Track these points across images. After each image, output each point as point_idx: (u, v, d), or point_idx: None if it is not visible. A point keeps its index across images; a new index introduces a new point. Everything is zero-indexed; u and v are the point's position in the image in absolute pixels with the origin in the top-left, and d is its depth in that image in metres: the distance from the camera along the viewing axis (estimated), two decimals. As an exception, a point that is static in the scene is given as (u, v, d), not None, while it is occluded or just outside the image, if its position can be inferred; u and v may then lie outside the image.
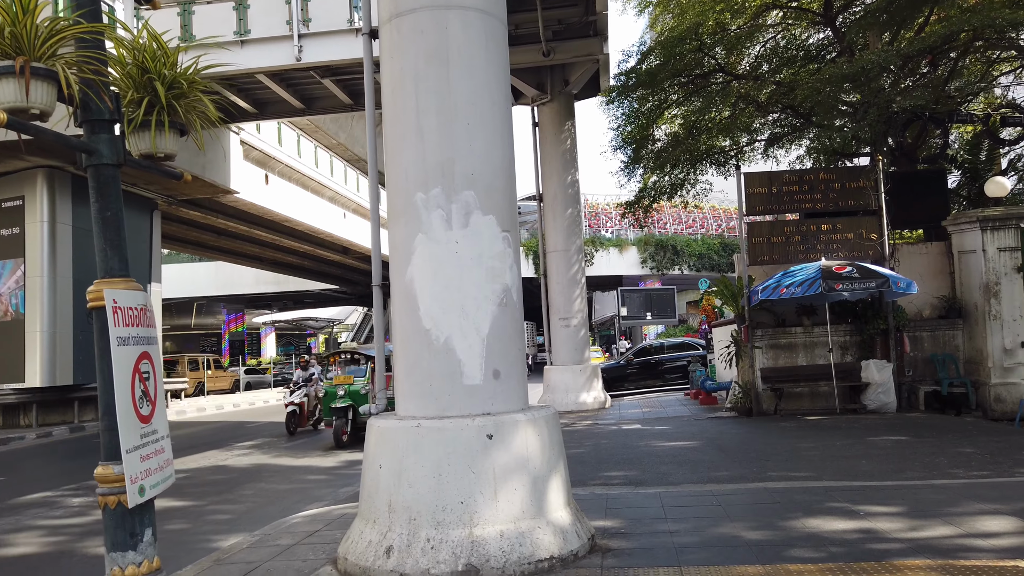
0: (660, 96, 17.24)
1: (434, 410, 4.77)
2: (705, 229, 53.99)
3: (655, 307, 39.63)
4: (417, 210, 4.87)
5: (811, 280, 12.21)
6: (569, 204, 17.40)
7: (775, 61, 17.42)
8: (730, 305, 14.22)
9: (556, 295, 17.40)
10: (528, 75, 17.28)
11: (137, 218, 21.07)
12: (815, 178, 13.84)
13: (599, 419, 14.67)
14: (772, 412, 13.51)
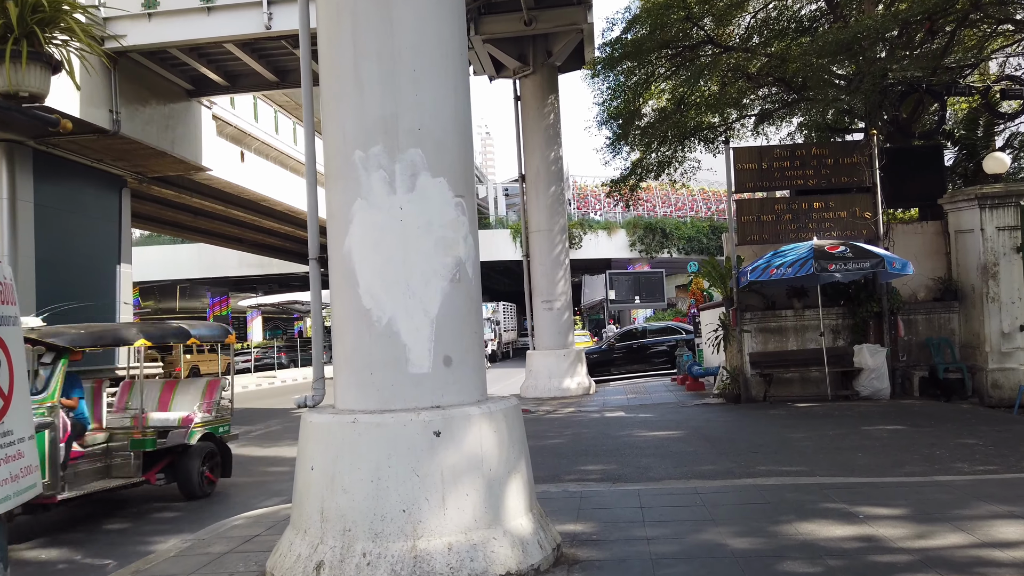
0: (647, 69, 16.54)
1: (375, 403, 4.12)
2: (694, 212, 53.39)
3: (644, 291, 39.02)
4: (356, 171, 4.21)
5: (803, 260, 11.63)
6: (552, 181, 16.72)
7: (766, 33, 16.72)
8: (718, 287, 13.63)
9: (539, 277, 16.76)
10: (509, 45, 16.53)
11: (104, 196, 20.20)
12: (807, 153, 13.20)
13: (582, 406, 14.09)
14: (761, 399, 12.96)
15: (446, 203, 4.24)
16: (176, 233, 35.27)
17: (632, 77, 16.75)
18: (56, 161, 18.33)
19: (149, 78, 18.46)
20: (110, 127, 16.90)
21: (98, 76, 16.55)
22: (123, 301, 20.71)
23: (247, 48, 18.13)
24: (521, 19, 15.63)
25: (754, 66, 14.83)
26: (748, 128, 18.70)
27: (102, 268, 20.06)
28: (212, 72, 19.29)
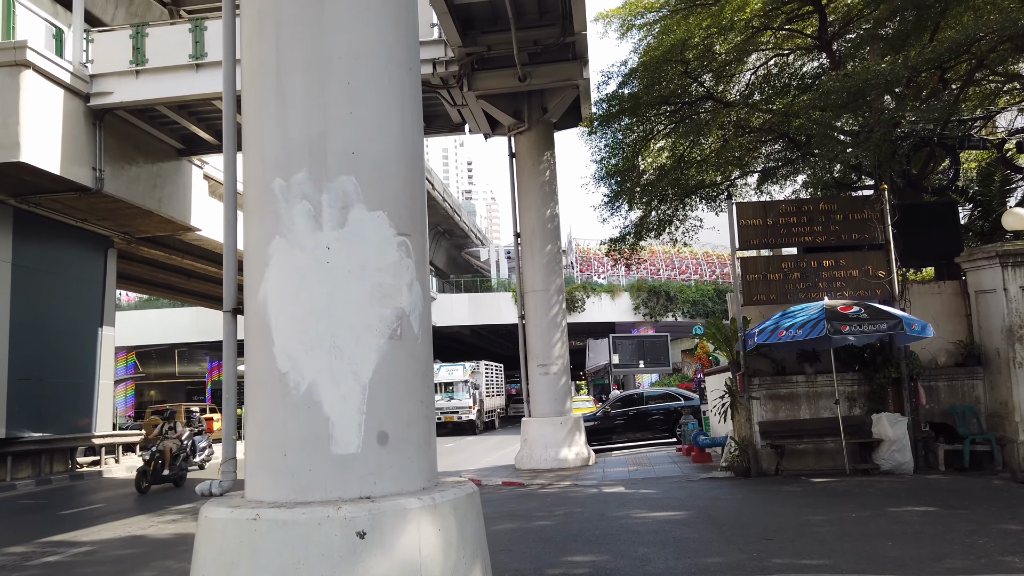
0: (646, 126, 16.08)
1: (288, 492, 3.26)
2: (699, 275, 52.85)
3: (648, 355, 37.98)
4: (275, 203, 3.45)
5: (814, 321, 10.78)
6: (549, 240, 16.05)
7: (767, 90, 16.30)
8: (724, 350, 12.75)
9: (534, 339, 15.91)
10: (504, 102, 16.12)
11: (88, 257, 19.64)
12: (815, 209, 12.52)
13: (579, 479, 13.05)
14: (773, 472, 11.92)
15: (385, 242, 3.47)
16: (170, 296, 34.71)
17: (630, 134, 16.29)
18: (38, 220, 17.82)
19: (137, 136, 18.11)
20: (92, 185, 16.42)
21: (81, 133, 16.16)
22: (102, 379, 19.85)
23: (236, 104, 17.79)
24: (515, 75, 15.25)
25: (757, 120, 14.29)
26: (751, 187, 18.15)
27: (83, 332, 19.32)
28: (203, 131, 18.97)
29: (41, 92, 15.14)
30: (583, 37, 14.67)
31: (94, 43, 16.47)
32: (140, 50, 16.14)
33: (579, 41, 14.89)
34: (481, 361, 38.02)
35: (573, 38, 14.70)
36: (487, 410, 37.01)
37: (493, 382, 40.59)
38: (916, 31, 12.08)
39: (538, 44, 14.86)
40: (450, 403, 32.56)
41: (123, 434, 21.37)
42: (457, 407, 32.68)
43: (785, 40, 16.14)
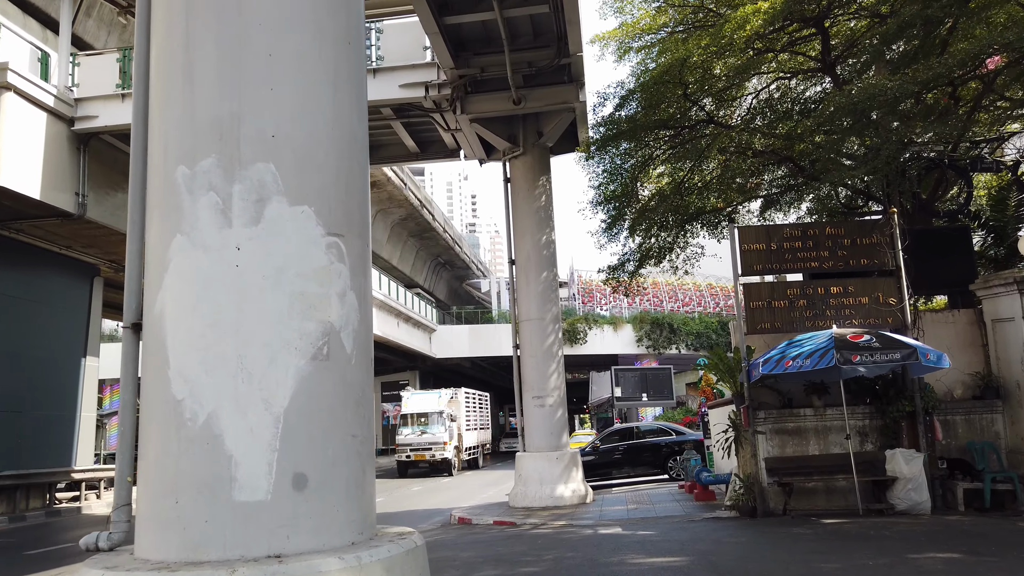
0: (644, 152, 15.61)
1: (179, 548, 2.63)
2: (702, 307, 52.25)
3: (651, 388, 37.13)
4: (177, 195, 2.89)
5: (822, 351, 10.14)
6: (544, 267, 15.47)
7: (769, 115, 15.84)
8: (727, 382, 12.09)
9: (529, 370, 15.24)
10: (498, 126, 15.67)
11: (73, 285, 19.13)
12: (821, 233, 11.94)
13: (575, 518, 12.29)
14: (780, 512, 11.16)
15: (311, 243, 2.89)
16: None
17: (629, 159, 15.82)
18: (20, 247, 17.35)
19: (124, 161, 17.64)
20: (75, 211, 15.96)
21: (64, 157, 15.75)
22: (84, 411, 19.20)
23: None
24: (510, 98, 14.83)
25: (759, 142, 13.79)
26: (754, 213, 17.62)
27: (65, 362, 18.72)
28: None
29: (23, 115, 14.76)
30: (579, 59, 14.26)
31: (80, 67, 16.15)
32: (127, 73, 15.81)
33: (575, 63, 14.48)
34: (461, 389, 32.84)
35: (568, 60, 14.29)
36: (468, 446, 31.63)
37: (476, 414, 34.89)
38: (924, 50, 11.62)
39: (532, 66, 14.45)
40: (421, 438, 27.71)
41: (106, 468, 20.62)
42: (430, 443, 27.53)
43: (787, 63, 15.72)
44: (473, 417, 33.67)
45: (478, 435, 34.27)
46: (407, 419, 28.72)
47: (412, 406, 29.15)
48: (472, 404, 34.08)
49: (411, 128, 17.71)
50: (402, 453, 27.92)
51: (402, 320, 40.99)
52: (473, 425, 33.23)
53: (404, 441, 27.94)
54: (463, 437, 30.57)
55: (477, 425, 34.34)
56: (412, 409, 28.93)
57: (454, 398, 30.91)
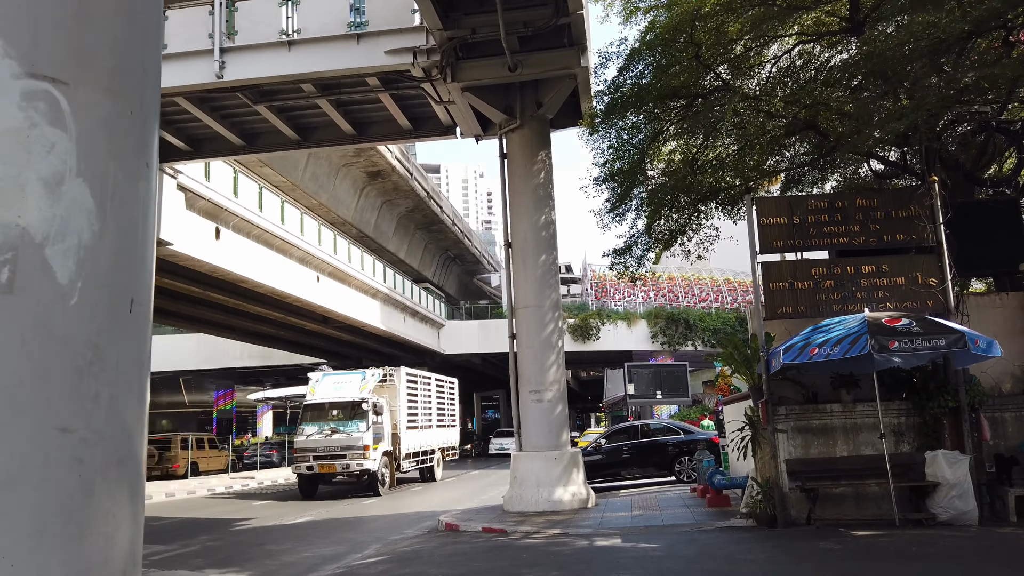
0: (653, 125, 14.25)
1: None
2: (719, 302, 50.75)
3: (666, 385, 35.68)
4: None
5: (853, 336, 8.77)
6: (543, 249, 14.18)
7: (790, 85, 14.42)
8: (743, 374, 10.73)
9: (526, 362, 13.96)
10: (493, 96, 14.40)
11: (48, 271, 18.02)
12: (850, 204, 10.54)
13: (572, 525, 10.99)
14: (804, 521, 9.81)
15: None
16: (157, 319, 33.26)
17: (636, 134, 14.47)
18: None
19: (97, 139, 16.64)
20: (39, 189, 14.85)
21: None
22: None
23: (206, 107, 16.28)
24: (504, 64, 13.55)
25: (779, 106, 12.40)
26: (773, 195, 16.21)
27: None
28: (172, 135, 17.44)
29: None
30: (579, 18, 12.94)
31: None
32: (95, 42, 14.70)
33: (575, 23, 13.16)
34: (402, 369, 22.19)
35: (568, 19, 12.98)
36: (413, 451, 21.84)
37: (429, 406, 24.32)
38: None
39: (528, 27, 13.15)
40: (330, 440, 18.49)
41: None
42: (343, 447, 18.35)
43: (810, 25, 14.29)
44: (424, 410, 23.47)
45: (433, 436, 23.99)
46: (313, 413, 19.67)
47: (321, 393, 19.98)
48: (421, 392, 23.54)
49: (403, 103, 16.47)
50: (302, 462, 18.65)
51: (408, 315, 39.88)
52: (423, 421, 23.13)
53: (305, 445, 18.68)
54: (401, 438, 20.83)
55: (431, 421, 24.14)
56: (321, 397, 19.79)
57: (388, 382, 21.22)
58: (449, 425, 26.74)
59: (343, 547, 10.88)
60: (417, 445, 22.28)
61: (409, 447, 21.49)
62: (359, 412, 19.05)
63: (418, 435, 22.55)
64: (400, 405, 21.22)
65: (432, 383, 25.11)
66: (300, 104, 16.50)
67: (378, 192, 38.44)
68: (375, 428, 18.99)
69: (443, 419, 25.73)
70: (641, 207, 15.06)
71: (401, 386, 21.57)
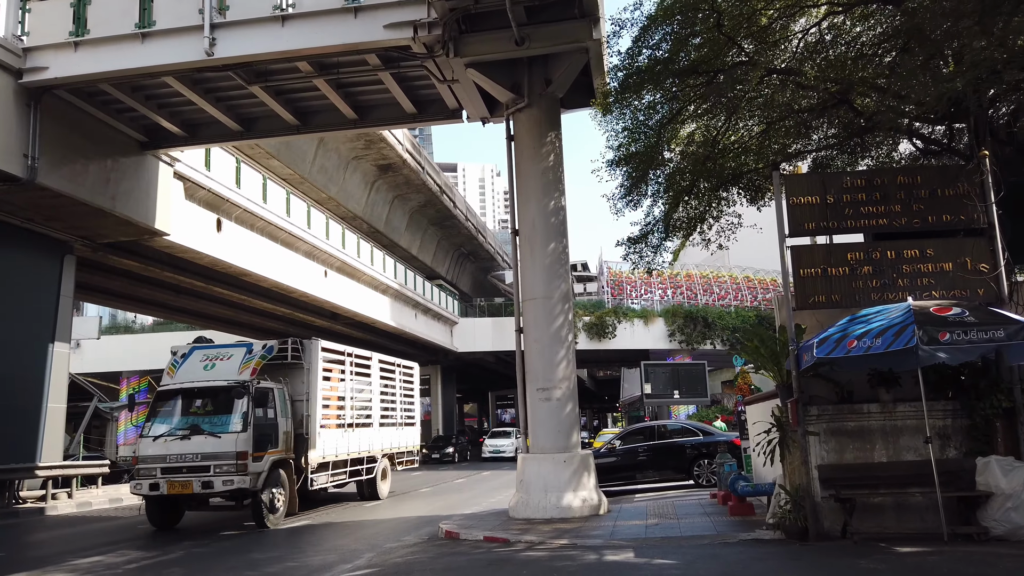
0: (672, 105, 13.27)
1: None
2: (739, 300, 49.58)
3: (684, 384, 34.67)
4: None
5: (897, 327, 7.77)
6: (552, 237, 13.24)
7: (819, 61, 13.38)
8: (769, 370, 9.72)
9: (534, 357, 13.02)
10: (499, 72, 13.47)
11: (40, 264, 17.39)
12: (890, 182, 9.51)
13: (581, 535, 10.05)
14: (839, 535, 8.81)
15: None
16: (161, 314, 32.73)
17: (654, 114, 13.49)
18: (-30, 220, 15.61)
19: (86, 124, 15.87)
20: (23, 174, 14.13)
21: (11, 114, 13.94)
22: (51, 402, 17.42)
23: (199, 89, 15.50)
24: (511, 37, 12.63)
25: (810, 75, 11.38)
26: (802, 176, 15.12)
27: (28, 348, 16.95)
28: (165, 120, 16.69)
29: (-41, 65, 12.98)
30: (591, -15, 11.99)
31: (32, 13, 14.33)
32: (81, 19, 13.94)
33: (587, -8, 12.21)
34: (315, 341, 15.24)
35: (578, -13, 12.03)
36: (341, 460, 15.74)
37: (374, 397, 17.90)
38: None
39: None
40: (187, 444, 12.40)
41: (77, 465, 18.92)
42: (204, 456, 12.36)
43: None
44: (358, 403, 16.86)
45: (374, 438, 17.55)
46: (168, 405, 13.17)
47: (184, 375, 13.48)
48: (353, 377, 16.71)
49: (405, 84, 15.60)
50: (146, 478, 12.41)
51: (420, 311, 39.09)
52: (356, 417, 16.55)
53: (150, 453, 12.49)
54: (312, 442, 14.44)
55: (371, 418, 17.53)
56: (181, 381, 13.34)
57: (292, 360, 14.53)
58: (403, 424, 19.68)
59: (333, 556, 10.03)
60: (344, 451, 15.74)
61: (327, 453, 14.93)
62: (234, 403, 12.70)
63: (346, 437, 15.87)
64: (312, 394, 14.56)
65: (374, 366, 18.01)
66: (298, 86, 15.69)
67: (389, 186, 37.66)
68: (260, 427, 12.75)
69: (392, 415, 18.98)
70: (658, 193, 14.10)
71: (313, 367, 14.72)
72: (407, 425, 20.23)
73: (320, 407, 14.77)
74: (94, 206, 15.99)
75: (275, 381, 13.95)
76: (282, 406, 13.79)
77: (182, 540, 12.04)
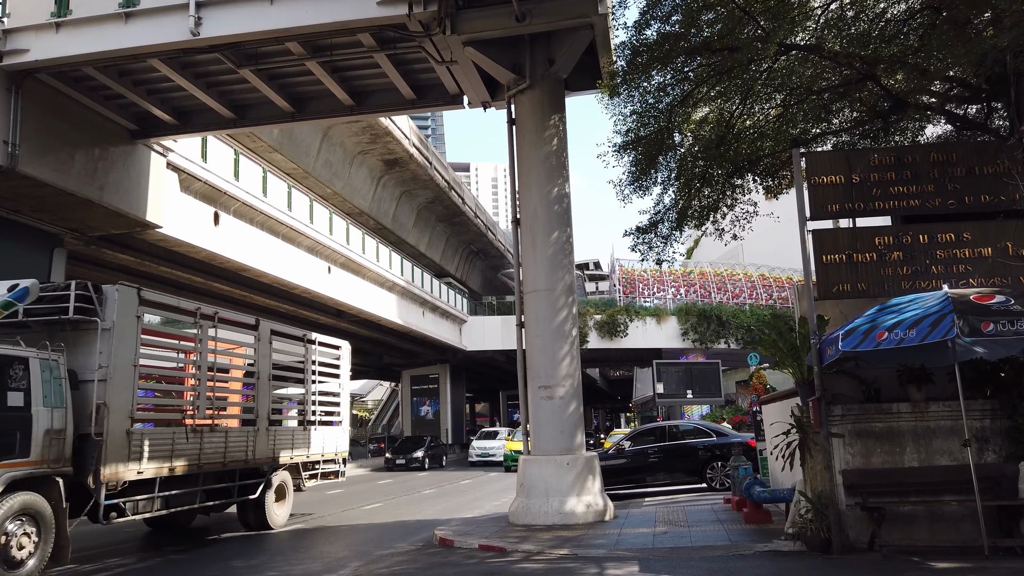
0: (683, 86, 12.48)
1: None
2: (754, 299, 48.57)
3: (697, 384, 33.81)
4: None
5: (935, 317, 6.95)
6: (556, 226, 12.48)
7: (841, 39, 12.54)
8: (788, 366, 8.91)
9: (536, 353, 12.26)
10: (499, 52, 12.72)
11: (28, 257, 16.76)
12: (922, 159, 8.68)
13: (583, 544, 9.29)
14: (866, 547, 7.99)
15: None
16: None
17: (664, 97, 12.70)
18: (-49, 210, 15.03)
19: (72, 110, 15.24)
20: (3, 162, 13.49)
21: (-11, 98, 13.32)
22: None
23: (188, 73, 14.83)
24: (511, 13, 11.88)
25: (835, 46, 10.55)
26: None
27: (15, 344, 16.39)
28: (156, 107, 16.05)
29: (-67, 46, 12.39)
30: (596, -44, 11.22)
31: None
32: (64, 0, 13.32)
33: (591, -37, 11.45)
34: (124, 288, 9.64)
35: (582, -42, 11.26)
36: (165, 476, 10.09)
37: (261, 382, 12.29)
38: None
39: (536, -33, 11.46)
40: None
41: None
42: None
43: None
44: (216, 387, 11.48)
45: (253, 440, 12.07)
46: None
47: None
48: (199, 345, 11.35)
49: (403, 68, 14.88)
50: None
51: (428, 309, 38.39)
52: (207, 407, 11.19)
53: None
54: (106, 447, 8.99)
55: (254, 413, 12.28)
56: None
57: (83, 305, 9.19)
58: (317, 422, 14.15)
59: (317, 564, 9.35)
60: (193, 461, 10.66)
61: (149, 466, 9.87)
62: None
63: (196, 441, 10.76)
64: (115, 371, 9.30)
65: (262, 337, 12.41)
66: (291, 70, 15.01)
67: (396, 181, 36.98)
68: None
69: (296, 410, 14.58)
70: (669, 180, 13.32)
71: (120, 329, 9.46)
72: (325, 424, 14.55)
73: (133, 392, 9.58)
74: (81, 196, 15.37)
75: (35, 347, 8.57)
76: (47, 388, 8.48)
77: (171, 544, 11.41)
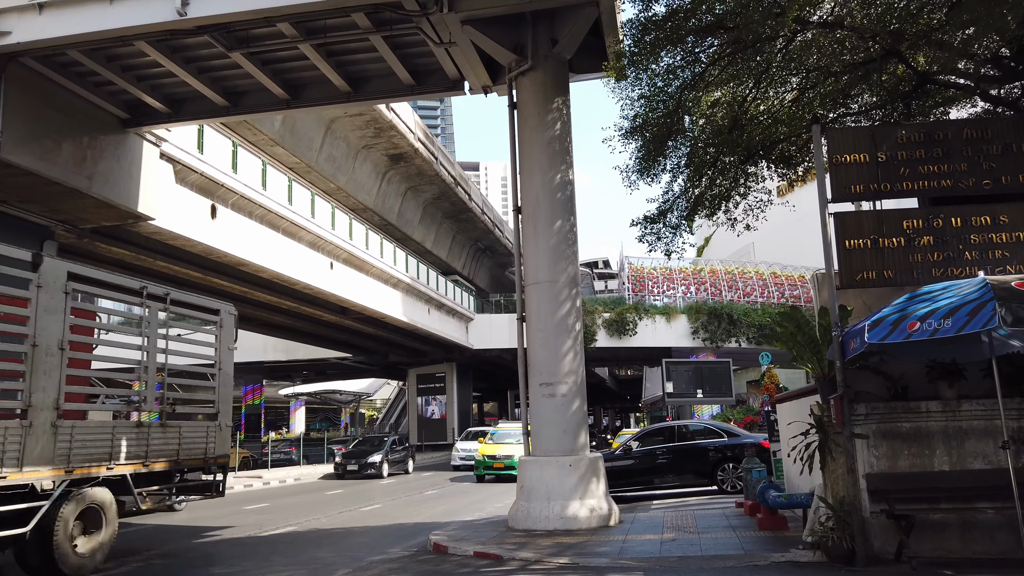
0: (693, 68, 11.83)
1: None
2: (766, 297, 47.75)
3: (707, 383, 33.12)
4: None
5: (973, 305, 6.27)
6: (558, 214, 11.84)
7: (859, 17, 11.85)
8: (807, 360, 8.23)
9: (537, 348, 11.63)
10: (500, 31, 12.10)
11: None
12: (954, 136, 7.98)
13: (584, 553, 8.66)
14: (893, 557, 7.33)
15: None
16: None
17: (673, 80, 12.05)
18: (-63, 199, 14.54)
19: (60, 97, 14.73)
20: (-16, 148, 13.03)
21: (-29, 82, 12.81)
22: None
23: (179, 58, 14.28)
24: (511, -11, 11.25)
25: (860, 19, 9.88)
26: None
27: (5, 338, 15.91)
28: (147, 94, 15.51)
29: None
30: (600, -75, 10.57)
31: (-6, -24, 13.20)
32: (46, -21, 12.79)
33: (596, -66, 10.79)
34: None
35: (586, -73, 10.61)
36: None
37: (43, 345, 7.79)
38: None
39: (538, -61, 10.82)
40: None
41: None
42: None
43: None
44: None
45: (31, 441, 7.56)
46: None
47: None
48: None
49: (401, 52, 14.28)
50: None
51: (433, 307, 37.82)
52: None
53: None
54: None
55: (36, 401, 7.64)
56: None
57: None
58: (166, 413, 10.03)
59: (303, 572, 8.77)
60: None
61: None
62: None
63: None
64: None
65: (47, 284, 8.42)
66: (285, 55, 14.44)
67: (401, 177, 36.43)
68: None
69: (131, 396, 11.43)
70: (678, 167, 12.68)
71: None
72: (182, 418, 10.66)
73: None
74: (68, 186, 14.86)
75: None
76: None
77: (152, 547, 10.86)
